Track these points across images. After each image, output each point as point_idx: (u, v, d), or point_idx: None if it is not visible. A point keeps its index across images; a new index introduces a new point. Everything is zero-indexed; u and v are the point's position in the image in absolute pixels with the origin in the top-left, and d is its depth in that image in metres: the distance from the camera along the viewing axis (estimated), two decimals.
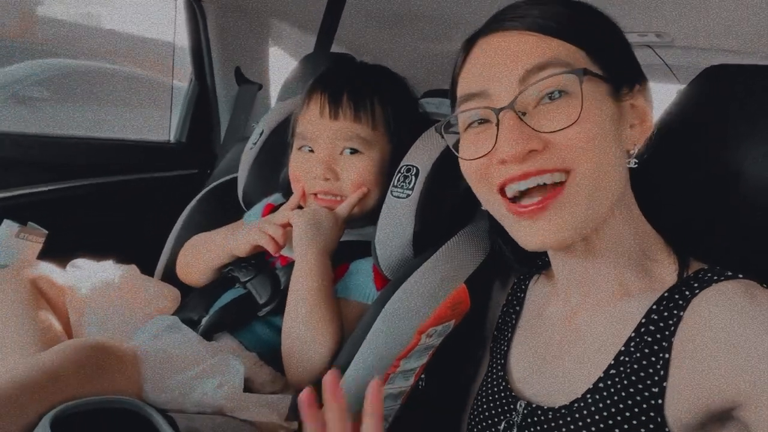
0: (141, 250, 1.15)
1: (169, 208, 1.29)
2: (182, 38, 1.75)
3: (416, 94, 1.04)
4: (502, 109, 0.57)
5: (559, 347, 0.66)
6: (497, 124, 0.57)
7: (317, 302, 0.83)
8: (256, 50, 1.85)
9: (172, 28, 1.82)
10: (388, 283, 0.84)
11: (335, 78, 0.96)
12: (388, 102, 0.94)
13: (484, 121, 0.61)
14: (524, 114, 0.57)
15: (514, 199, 0.59)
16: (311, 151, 0.93)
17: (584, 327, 0.64)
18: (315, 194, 0.93)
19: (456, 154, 0.64)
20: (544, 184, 0.57)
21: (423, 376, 0.84)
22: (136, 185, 1.59)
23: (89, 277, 0.94)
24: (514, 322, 0.76)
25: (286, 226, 0.92)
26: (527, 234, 0.59)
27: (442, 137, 0.67)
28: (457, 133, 0.65)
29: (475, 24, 0.65)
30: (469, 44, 0.64)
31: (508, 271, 0.81)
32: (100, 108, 3.23)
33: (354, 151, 0.91)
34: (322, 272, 0.86)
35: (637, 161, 0.60)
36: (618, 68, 0.60)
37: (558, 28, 0.58)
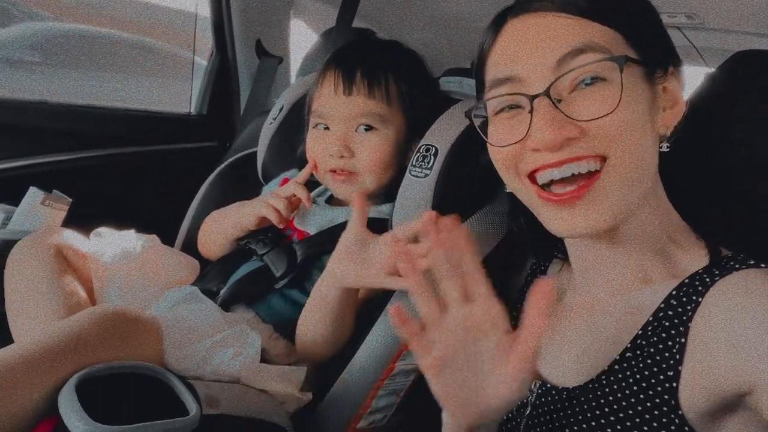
0: (161, 220, 1.17)
1: (188, 179, 1.30)
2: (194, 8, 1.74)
3: (432, 71, 1.03)
4: (537, 96, 0.56)
5: (576, 331, 0.66)
6: (531, 111, 0.56)
7: (335, 322, 0.81)
8: (278, 23, 1.83)
9: None
10: None
11: (349, 54, 0.95)
12: (402, 78, 0.93)
13: (514, 107, 0.60)
14: (559, 101, 0.56)
15: (544, 186, 0.58)
16: (326, 128, 0.93)
17: (602, 312, 0.64)
18: (333, 171, 0.93)
19: (485, 139, 0.63)
20: (579, 173, 0.56)
21: None
22: (157, 156, 1.60)
23: (112, 245, 0.96)
24: None
25: (291, 198, 0.93)
26: (560, 222, 0.58)
27: (472, 123, 0.65)
28: (485, 116, 0.64)
29: (505, 1, 0.63)
30: (498, 24, 0.62)
31: (525, 253, 0.81)
32: (100, 75, 3.14)
33: (369, 128, 0.91)
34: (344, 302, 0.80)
35: (668, 145, 0.60)
36: (653, 51, 0.58)
37: (592, 9, 0.56)
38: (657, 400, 0.54)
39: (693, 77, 0.67)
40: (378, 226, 0.93)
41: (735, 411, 0.53)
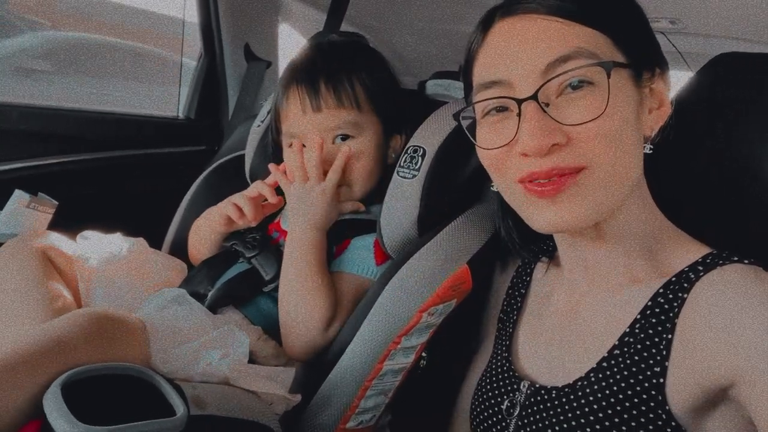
0: (149, 224, 1.16)
1: (176, 183, 1.30)
2: (190, 14, 1.74)
3: (420, 75, 1.04)
4: (525, 99, 0.56)
5: (564, 330, 0.67)
6: (519, 115, 0.57)
7: (306, 272, 0.85)
8: (266, 27, 1.83)
9: (182, 3, 1.81)
10: (390, 261, 0.85)
11: (308, 67, 0.93)
12: (366, 77, 0.92)
13: (502, 109, 0.60)
14: (547, 105, 0.56)
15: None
16: (303, 145, 0.93)
17: (590, 311, 0.65)
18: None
19: (473, 142, 0.63)
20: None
21: (424, 354, 0.86)
22: (144, 160, 1.60)
23: (98, 248, 0.96)
24: (519, 305, 0.76)
25: (256, 198, 0.94)
26: (541, 216, 0.59)
27: (459, 124, 0.66)
28: (473, 117, 0.65)
29: (491, 4, 0.63)
30: (486, 24, 0.62)
31: (511, 254, 0.82)
32: (103, 81, 3.18)
33: (346, 137, 0.91)
34: (310, 244, 0.87)
35: (652, 147, 0.60)
36: (641, 54, 0.59)
37: (580, 12, 0.57)
38: (644, 396, 0.55)
39: (677, 81, 0.68)
40: (363, 225, 0.93)
41: (717, 406, 0.54)
